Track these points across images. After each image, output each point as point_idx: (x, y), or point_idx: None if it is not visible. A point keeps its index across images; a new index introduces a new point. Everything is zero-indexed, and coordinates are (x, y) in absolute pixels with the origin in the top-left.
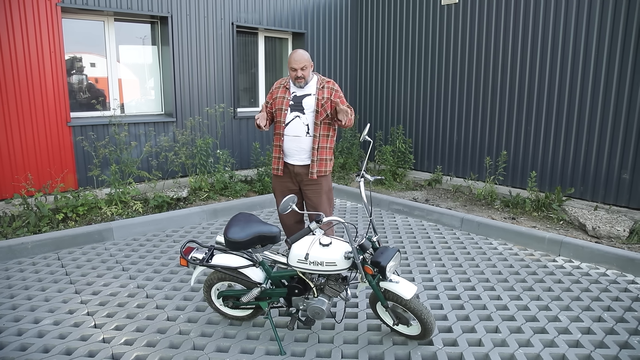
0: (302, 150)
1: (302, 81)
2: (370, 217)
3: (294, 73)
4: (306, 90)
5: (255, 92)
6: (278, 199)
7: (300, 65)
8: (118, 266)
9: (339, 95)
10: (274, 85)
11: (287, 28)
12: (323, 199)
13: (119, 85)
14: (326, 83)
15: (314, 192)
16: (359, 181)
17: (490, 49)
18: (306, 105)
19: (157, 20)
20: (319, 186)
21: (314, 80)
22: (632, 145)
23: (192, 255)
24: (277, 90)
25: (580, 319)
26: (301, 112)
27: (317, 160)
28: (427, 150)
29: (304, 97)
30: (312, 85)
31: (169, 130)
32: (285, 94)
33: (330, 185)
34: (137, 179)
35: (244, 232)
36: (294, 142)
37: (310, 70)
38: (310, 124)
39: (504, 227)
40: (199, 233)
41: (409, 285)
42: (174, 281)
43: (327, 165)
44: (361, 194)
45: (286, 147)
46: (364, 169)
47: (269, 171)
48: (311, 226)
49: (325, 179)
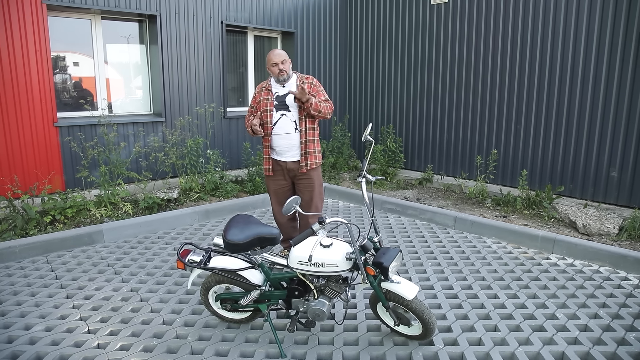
0: (293, 146)
1: (285, 74)
2: (372, 218)
3: (275, 68)
4: (288, 88)
5: (244, 92)
6: (273, 198)
7: (280, 59)
8: (110, 269)
9: (317, 90)
10: (255, 90)
11: (277, 27)
12: (315, 193)
13: (107, 84)
14: (305, 79)
15: (307, 186)
16: (361, 182)
17: (480, 48)
18: (290, 102)
19: (145, 19)
20: (311, 180)
21: (294, 78)
22: (620, 144)
23: (190, 258)
24: (260, 94)
25: (577, 316)
26: (286, 109)
27: (308, 154)
28: (418, 149)
29: (286, 96)
30: (292, 83)
31: (158, 131)
32: (268, 95)
33: (321, 180)
34: (126, 180)
35: (243, 234)
36: (284, 139)
37: (289, 65)
38: (297, 121)
39: (497, 225)
40: (191, 234)
41: (410, 286)
42: (168, 284)
43: (317, 157)
44: (363, 194)
45: (277, 145)
46: (365, 169)
47: (259, 171)
48: (314, 227)
49: (316, 172)
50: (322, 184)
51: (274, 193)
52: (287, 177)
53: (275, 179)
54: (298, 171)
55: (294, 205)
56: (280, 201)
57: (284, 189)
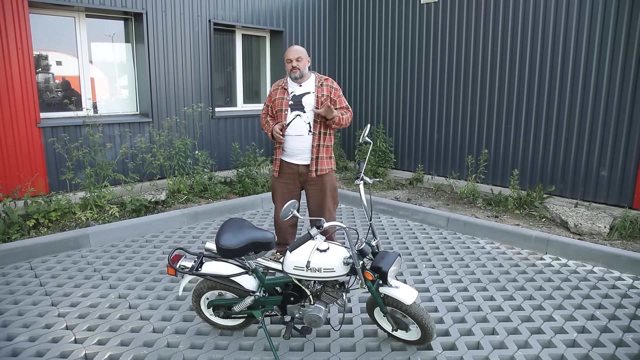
0: (305, 149)
1: (297, 72)
2: (370, 221)
3: (289, 64)
4: (305, 88)
5: (232, 92)
6: (278, 201)
7: (295, 56)
8: (96, 275)
9: (338, 94)
10: (271, 88)
11: (265, 26)
12: (327, 198)
13: (92, 84)
14: (324, 81)
15: (318, 191)
16: (358, 184)
17: (470, 47)
18: (306, 103)
19: (131, 17)
20: (323, 185)
21: (312, 78)
22: (610, 143)
23: (181, 264)
24: (276, 92)
25: (574, 318)
26: (301, 110)
27: (317, 159)
28: (408, 149)
29: (303, 96)
30: (310, 83)
31: (145, 131)
32: (284, 94)
33: (334, 184)
34: (112, 182)
35: (236, 239)
36: (297, 141)
37: (305, 63)
38: (312, 123)
39: (490, 225)
40: (180, 237)
41: (409, 291)
42: (157, 289)
43: (328, 163)
44: (361, 197)
45: (289, 147)
46: (362, 171)
47: (249, 172)
48: (311, 232)
49: (328, 177)
50: (335, 188)
51: (280, 196)
52: (297, 181)
53: (283, 181)
54: (308, 176)
55: (291, 210)
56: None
57: (292, 193)
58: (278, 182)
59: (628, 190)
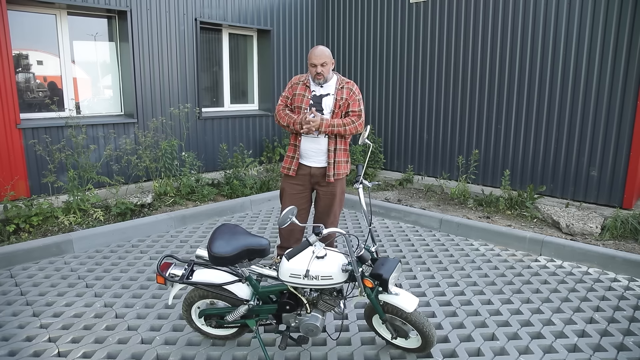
0: (320, 152)
1: (322, 78)
2: (370, 226)
3: (313, 69)
4: (326, 89)
5: (219, 92)
6: (286, 201)
7: (320, 61)
8: (81, 282)
9: (354, 98)
10: (292, 80)
11: (253, 25)
12: (336, 201)
13: (74, 84)
14: (346, 84)
15: (329, 194)
16: (358, 187)
17: (460, 47)
18: (325, 105)
19: (115, 15)
20: (335, 189)
21: (334, 79)
22: (600, 143)
23: (170, 272)
24: (297, 86)
25: (574, 321)
26: (320, 112)
27: (335, 163)
28: (397, 150)
29: (323, 97)
30: (331, 85)
31: (130, 132)
32: (305, 91)
33: (343, 188)
34: (96, 185)
35: (229, 246)
36: (313, 142)
37: (330, 68)
38: None
39: (483, 227)
40: (168, 242)
41: (410, 298)
42: (145, 297)
43: (345, 167)
44: (360, 201)
45: (303, 148)
46: (362, 174)
47: (237, 174)
48: (310, 239)
49: (341, 181)
50: (344, 192)
51: (288, 197)
52: (309, 183)
53: (294, 182)
54: (322, 179)
55: (289, 216)
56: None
57: (302, 194)
58: (287, 183)
59: (618, 190)
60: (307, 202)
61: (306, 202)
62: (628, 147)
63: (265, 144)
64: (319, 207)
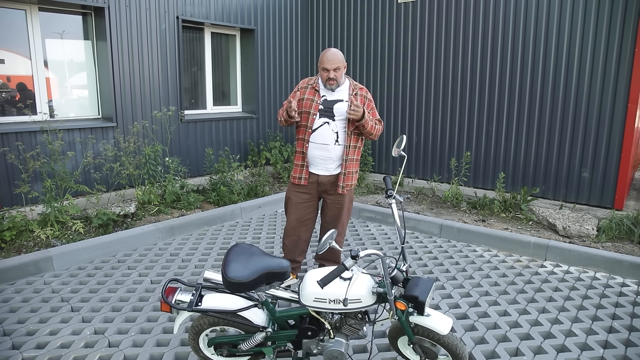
0: (328, 160)
1: (334, 83)
2: (402, 245)
3: (325, 74)
4: (338, 95)
5: (202, 93)
6: (291, 211)
7: (333, 66)
8: (65, 306)
9: (372, 106)
10: (300, 84)
11: (236, 24)
12: (344, 210)
13: (47, 85)
14: (359, 90)
15: (337, 203)
16: (391, 203)
17: (450, 48)
18: (337, 112)
19: (91, 12)
20: (343, 198)
21: (346, 84)
22: (592, 144)
23: (177, 298)
24: (304, 91)
25: (595, 331)
26: (331, 118)
27: (346, 174)
28: (386, 152)
29: (335, 103)
30: (344, 90)
31: (109, 137)
32: (314, 96)
33: (352, 197)
34: (74, 194)
35: (247, 270)
36: (321, 150)
37: (343, 72)
38: (340, 132)
39: (485, 232)
40: (157, 256)
41: (444, 319)
42: (140, 321)
43: (354, 178)
44: (394, 217)
45: (311, 156)
46: (396, 188)
47: (223, 179)
48: (347, 263)
49: (350, 190)
50: (352, 201)
51: (294, 206)
52: (316, 192)
53: (301, 190)
54: (332, 188)
55: (329, 241)
56: (300, 217)
57: (308, 203)
58: (293, 191)
59: (609, 191)
60: (314, 211)
61: (312, 211)
62: (619, 148)
63: (251, 147)
64: (327, 217)
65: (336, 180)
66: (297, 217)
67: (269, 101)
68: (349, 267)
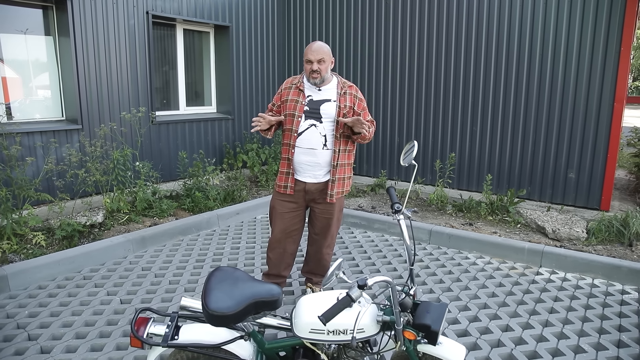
0: (316, 165)
1: (318, 77)
2: (412, 266)
3: (309, 66)
4: (325, 94)
5: (174, 93)
6: (276, 222)
7: (317, 57)
8: (21, 333)
9: (363, 106)
10: (283, 85)
11: (210, 20)
12: (334, 220)
13: (4, 84)
14: (348, 88)
15: (327, 213)
16: (399, 219)
17: (432, 47)
18: (324, 113)
19: (52, 5)
20: (333, 207)
21: (334, 82)
22: (578, 144)
23: (149, 331)
24: (288, 92)
25: (604, 346)
26: (318, 120)
27: (337, 180)
28: (367, 154)
29: (322, 103)
30: (331, 89)
31: (74, 141)
32: (299, 96)
33: (342, 205)
34: (35, 203)
35: (232, 299)
36: (308, 155)
37: (328, 67)
38: (328, 135)
39: (475, 238)
40: (127, 271)
41: (457, 348)
42: (108, 349)
43: (347, 184)
44: (403, 236)
45: (297, 162)
46: (405, 203)
47: (198, 184)
48: (353, 294)
49: (340, 199)
50: (342, 209)
51: (279, 217)
52: (303, 201)
53: (286, 199)
54: (320, 196)
55: (336, 272)
56: (285, 228)
57: (294, 213)
58: (278, 200)
59: (596, 192)
60: (301, 221)
61: (299, 221)
62: (605, 149)
63: (226, 149)
64: (315, 227)
65: (325, 188)
66: (282, 229)
67: (244, 101)
68: (355, 298)
